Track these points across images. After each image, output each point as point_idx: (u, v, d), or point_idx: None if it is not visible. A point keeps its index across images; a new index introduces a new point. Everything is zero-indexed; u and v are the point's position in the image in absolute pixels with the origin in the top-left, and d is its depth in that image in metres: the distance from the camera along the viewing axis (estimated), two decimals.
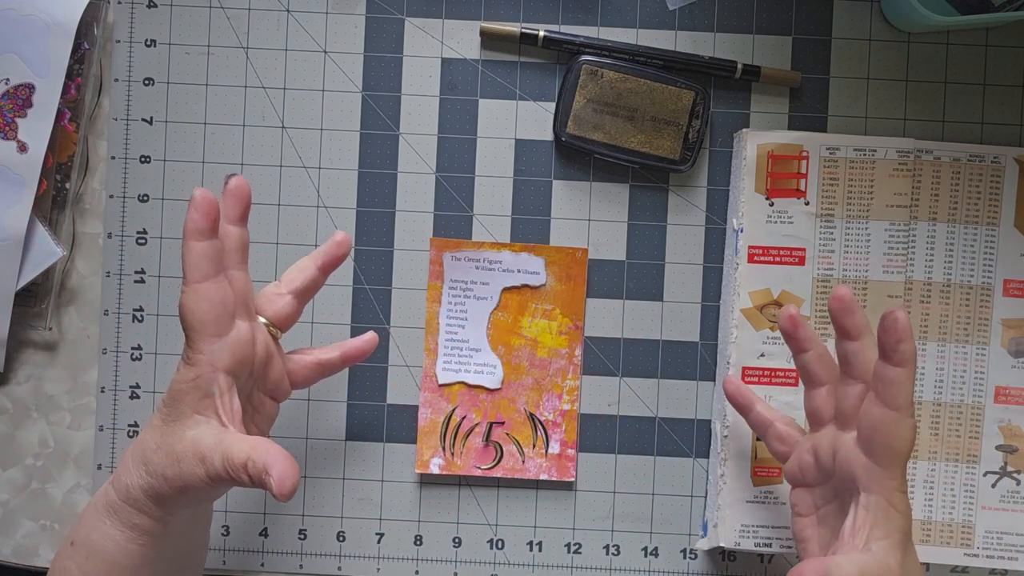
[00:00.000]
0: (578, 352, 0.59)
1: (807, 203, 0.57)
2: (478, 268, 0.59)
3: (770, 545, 0.57)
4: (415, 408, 0.59)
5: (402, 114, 0.59)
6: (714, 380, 0.59)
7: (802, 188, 0.57)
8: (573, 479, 0.59)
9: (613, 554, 0.59)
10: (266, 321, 0.50)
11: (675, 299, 0.59)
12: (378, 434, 0.59)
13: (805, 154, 0.57)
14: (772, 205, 0.57)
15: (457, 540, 0.59)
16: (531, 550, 0.59)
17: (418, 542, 0.59)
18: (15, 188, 0.57)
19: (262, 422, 0.51)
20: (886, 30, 0.59)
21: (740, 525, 0.57)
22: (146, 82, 0.59)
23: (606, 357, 0.59)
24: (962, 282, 0.57)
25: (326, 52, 0.59)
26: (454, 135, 0.59)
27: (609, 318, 0.59)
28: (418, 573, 0.59)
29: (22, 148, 0.57)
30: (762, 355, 0.57)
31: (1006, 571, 0.58)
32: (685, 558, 0.59)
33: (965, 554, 0.57)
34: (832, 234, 0.57)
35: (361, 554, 0.59)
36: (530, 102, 0.59)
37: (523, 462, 0.59)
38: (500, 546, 0.59)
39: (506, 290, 0.59)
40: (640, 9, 0.59)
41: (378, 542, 0.59)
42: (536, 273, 0.59)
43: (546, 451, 0.59)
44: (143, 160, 0.59)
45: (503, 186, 0.59)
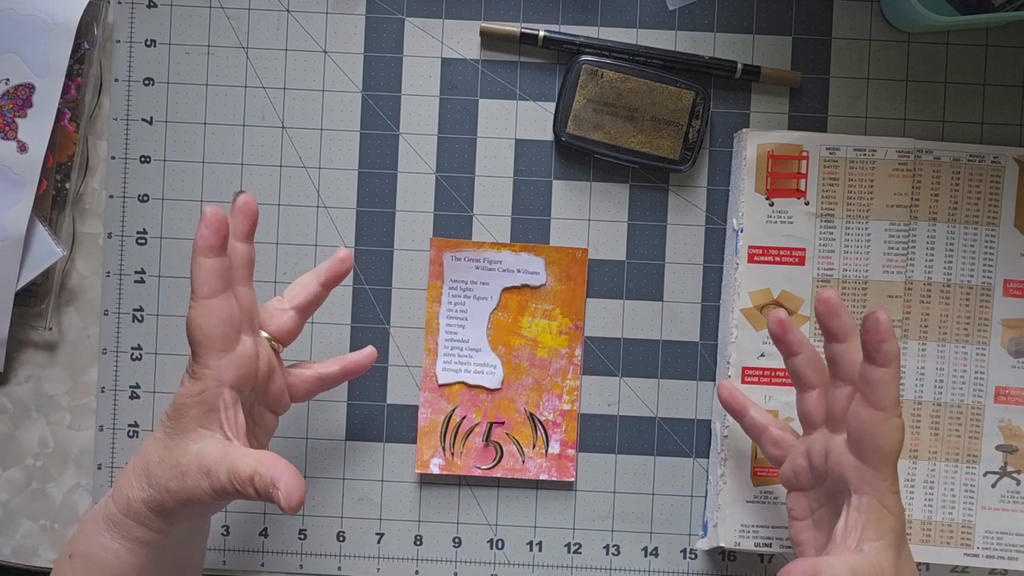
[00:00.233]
0: (578, 352, 0.59)
1: (807, 203, 0.57)
2: (478, 268, 0.59)
3: (770, 545, 0.57)
4: (415, 408, 0.59)
5: (402, 114, 0.59)
6: (714, 380, 0.59)
7: (802, 188, 0.57)
8: (573, 479, 0.59)
9: (613, 554, 0.59)
10: (268, 336, 0.50)
11: (675, 299, 0.59)
12: (378, 434, 0.59)
13: (805, 154, 0.57)
14: (772, 205, 0.57)
15: (457, 540, 0.59)
16: (531, 550, 0.59)
17: (418, 542, 0.59)
18: (15, 188, 0.57)
19: (262, 435, 0.52)
20: (886, 30, 0.59)
21: (740, 525, 0.57)
22: (146, 82, 0.59)
23: (606, 357, 0.59)
24: (962, 282, 0.57)
25: (326, 52, 0.59)
26: (454, 135, 0.59)
27: (609, 318, 0.59)
28: (418, 573, 0.59)
29: (22, 148, 0.57)
30: (762, 355, 0.57)
31: (1006, 571, 0.58)
32: (685, 558, 0.59)
33: (965, 554, 0.57)
34: (832, 234, 0.57)
35: (361, 554, 0.59)
36: (530, 102, 0.59)
37: (523, 462, 0.59)
38: (500, 546, 0.59)
39: (506, 290, 0.59)
40: (640, 9, 0.59)
41: (378, 542, 0.59)
42: (536, 273, 0.59)
43: (546, 451, 0.59)
44: (143, 160, 0.59)
45: (503, 186, 0.59)
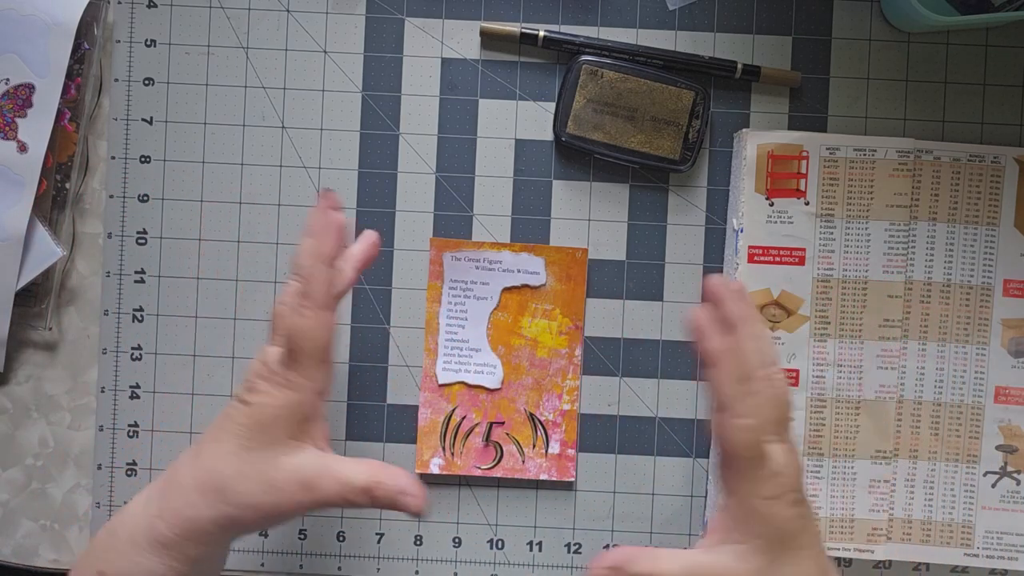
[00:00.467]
0: (578, 352, 0.59)
1: (807, 203, 0.57)
2: (478, 268, 0.59)
3: None
4: (415, 408, 0.59)
5: (402, 114, 0.59)
6: None
7: (802, 188, 0.57)
8: (573, 479, 0.59)
9: None
10: None
11: (675, 299, 0.59)
12: (378, 434, 0.59)
13: (805, 154, 0.57)
14: (772, 205, 0.57)
15: (457, 540, 0.59)
16: (531, 550, 0.59)
17: (418, 542, 0.59)
18: (15, 188, 0.57)
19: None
20: (886, 30, 0.59)
21: None
22: (146, 82, 0.59)
23: (606, 357, 0.59)
24: (962, 282, 0.57)
25: (326, 52, 0.59)
26: (454, 135, 0.59)
27: (609, 318, 0.59)
28: (418, 573, 0.59)
29: (22, 148, 0.57)
30: None
31: (1006, 571, 0.58)
32: None
33: (965, 554, 0.57)
34: (832, 234, 0.57)
35: (361, 554, 0.59)
36: (530, 102, 0.59)
37: (523, 462, 0.59)
38: (500, 546, 0.59)
39: (506, 290, 0.59)
40: (640, 9, 0.59)
41: (378, 542, 0.59)
42: (536, 273, 0.59)
43: (546, 451, 0.59)
44: (143, 160, 0.59)
45: (503, 186, 0.59)
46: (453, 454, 0.59)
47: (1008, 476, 0.57)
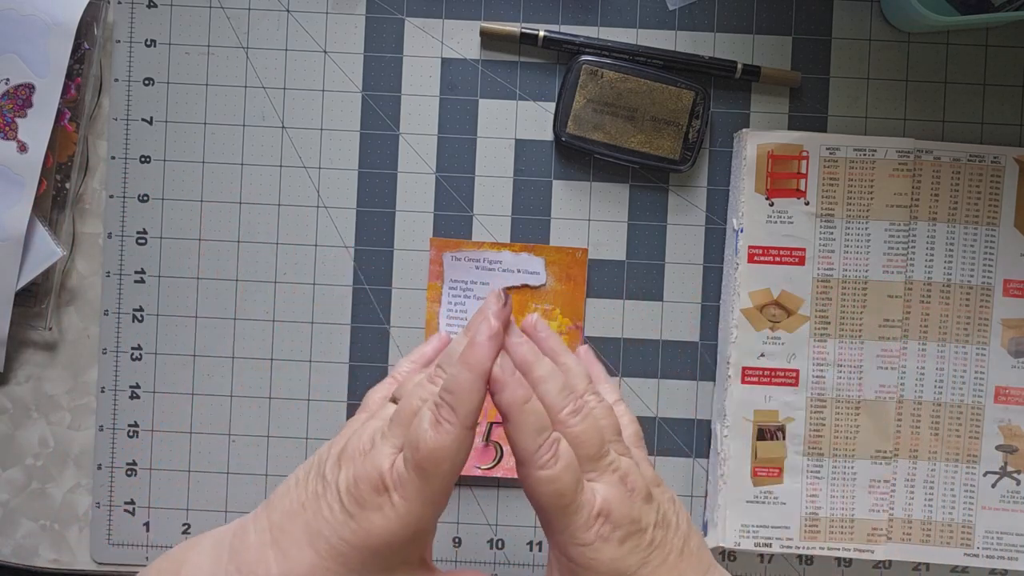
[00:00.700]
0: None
1: (807, 203, 0.57)
2: (478, 268, 0.59)
3: (770, 545, 0.57)
4: None
5: (402, 114, 0.59)
6: (714, 380, 0.59)
7: (802, 188, 0.57)
8: None
9: None
10: None
11: (675, 299, 0.59)
12: None
13: (805, 154, 0.57)
14: (772, 205, 0.57)
15: (457, 540, 0.59)
16: (531, 550, 0.59)
17: None
18: (15, 188, 0.57)
19: None
20: (886, 30, 0.59)
21: (740, 525, 0.57)
22: (146, 82, 0.59)
23: (606, 357, 0.59)
24: (962, 282, 0.57)
25: (326, 52, 0.59)
26: (454, 135, 0.59)
27: (609, 318, 0.59)
28: None
29: (22, 148, 0.57)
30: (762, 355, 0.57)
31: (1006, 571, 0.58)
32: None
33: (965, 554, 0.57)
34: (832, 234, 0.57)
35: None
36: (530, 102, 0.59)
37: None
38: (500, 546, 0.59)
39: (506, 290, 0.59)
40: (640, 9, 0.59)
41: None
42: (536, 273, 0.59)
43: None
44: (143, 160, 0.59)
45: (503, 186, 0.59)
46: None
47: (1008, 476, 0.57)
